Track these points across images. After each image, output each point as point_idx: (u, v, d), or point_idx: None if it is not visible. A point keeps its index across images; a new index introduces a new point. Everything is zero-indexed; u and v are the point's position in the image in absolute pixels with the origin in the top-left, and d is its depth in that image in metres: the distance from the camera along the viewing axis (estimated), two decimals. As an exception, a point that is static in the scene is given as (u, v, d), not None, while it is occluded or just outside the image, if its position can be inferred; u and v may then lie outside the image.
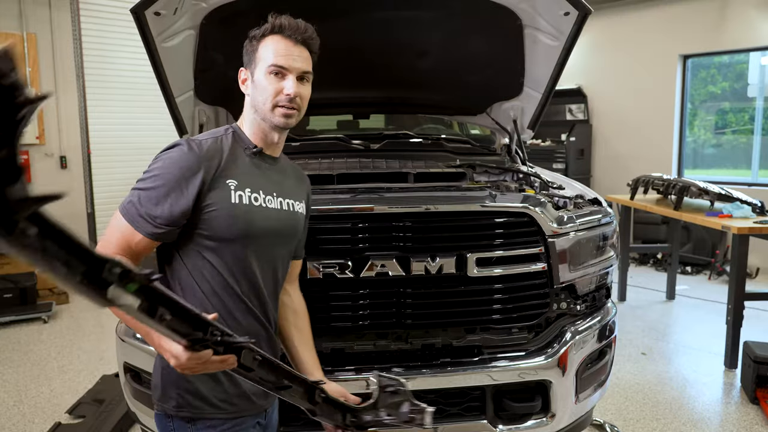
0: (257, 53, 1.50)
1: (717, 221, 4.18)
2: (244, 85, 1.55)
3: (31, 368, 4.09)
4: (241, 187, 1.45)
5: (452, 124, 4.05)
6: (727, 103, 7.45)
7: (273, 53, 1.47)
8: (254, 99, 1.50)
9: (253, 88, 1.51)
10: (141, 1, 2.31)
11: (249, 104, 1.54)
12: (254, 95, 1.50)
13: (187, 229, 1.41)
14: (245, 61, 1.55)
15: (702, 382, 3.83)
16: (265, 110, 1.48)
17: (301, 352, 1.69)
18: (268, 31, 1.49)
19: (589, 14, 2.45)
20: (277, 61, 1.46)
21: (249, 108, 1.54)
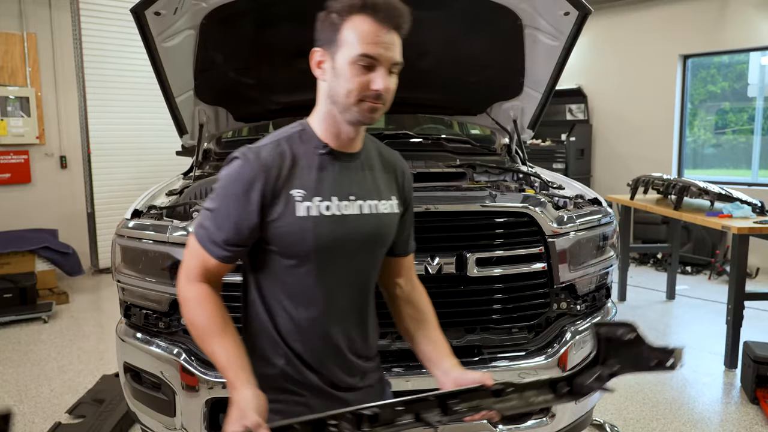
0: (340, 34, 1.25)
1: (717, 221, 4.18)
2: (320, 68, 1.31)
3: (31, 368, 4.09)
4: (309, 196, 1.29)
5: (452, 124, 4.05)
6: (727, 103, 7.45)
7: (361, 39, 1.23)
8: (333, 88, 1.28)
9: (333, 76, 1.27)
10: (141, 1, 2.32)
11: (325, 93, 1.31)
12: (334, 84, 1.28)
13: (262, 245, 1.31)
14: (321, 38, 1.29)
15: (702, 382, 3.83)
16: (347, 103, 1.26)
17: (424, 346, 1.48)
18: (357, 8, 1.23)
19: (589, 14, 2.45)
20: (367, 50, 1.23)
21: (324, 97, 1.32)
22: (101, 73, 6.63)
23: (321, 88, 1.34)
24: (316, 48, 1.32)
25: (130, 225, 2.26)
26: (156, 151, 6.76)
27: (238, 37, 2.80)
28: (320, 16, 1.30)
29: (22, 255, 5.50)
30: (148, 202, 2.48)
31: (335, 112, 1.30)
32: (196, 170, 2.95)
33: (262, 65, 2.99)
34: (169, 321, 2.18)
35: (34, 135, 6.22)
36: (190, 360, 2.07)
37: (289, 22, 2.77)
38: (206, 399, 2.04)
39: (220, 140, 3.39)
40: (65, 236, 6.16)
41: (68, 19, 6.38)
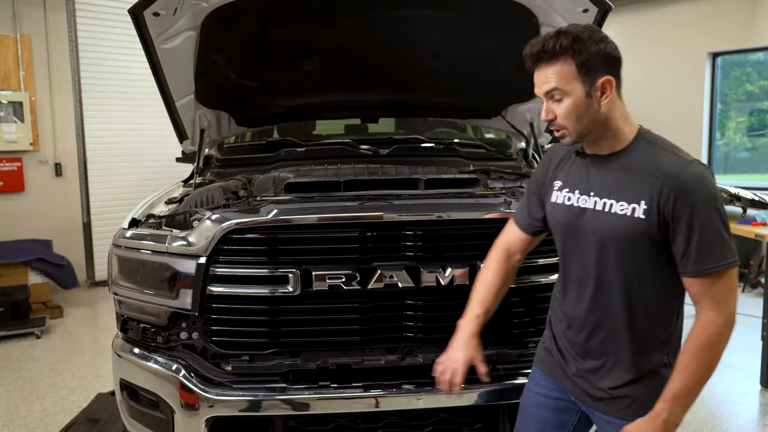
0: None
1: (750, 229, 4.15)
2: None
3: (23, 386, 4.12)
4: (562, 188, 1.69)
5: (466, 127, 4.06)
6: (765, 102, 7.38)
7: (534, 85, 1.60)
8: None
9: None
10: (139, 2, 2.36)
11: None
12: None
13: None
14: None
15: (736, 402, 3.79)
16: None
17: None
18: (528, 67, 1.61)
19: (609, 11, 2.46)
20: (535, 91, 1.60)
21: None
22: (98, 77, 6.70)
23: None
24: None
25: (128, 235, 2.29)
26: (155, 158, 6.81)
27: (240, 39, 2.83)
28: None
29: (14, 267, 5.56)
30: (146, 210, 2.51)
31: None
32: (196, 177, 2.98)
33: (265, 67, 3.03)
34: (168, 335, 2.20)
35: (27, 141, 6.30)
36: (189, 377, 2.09)
37: (293, 23, 2.81)
38: (206, 418, 2.05)
39: (221, 146, 3.42)
40: (60, 247, 6.22)
41: (63, 20, 6.47)
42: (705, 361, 1.53)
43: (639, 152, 1.57)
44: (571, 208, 1.64)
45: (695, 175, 1.48)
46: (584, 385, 1.69)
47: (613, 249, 1.57)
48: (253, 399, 2.04)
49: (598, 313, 1.64)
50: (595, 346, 1.67)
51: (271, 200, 2.32)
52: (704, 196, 1.47)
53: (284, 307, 2.10)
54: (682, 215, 1.47)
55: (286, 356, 2.13)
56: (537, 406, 1.82)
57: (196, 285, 2.09)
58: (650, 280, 1.58)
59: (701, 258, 1.48)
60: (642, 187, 1.52)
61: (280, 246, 2.10)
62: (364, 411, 2.07)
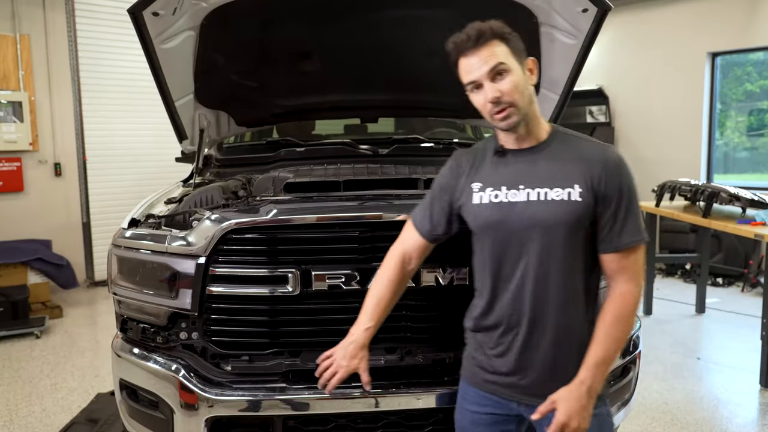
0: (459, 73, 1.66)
1: (750, 229, 4.16)
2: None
3: (23, 386, 4.13)
4: (483, 187, 1.69)
5: (465, 127, 4.06)
6: (765, 102, 7.38)
7: (464, 74, 1.64)
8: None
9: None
10: (138, 1, 2.35)
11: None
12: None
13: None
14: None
15: (735, 402, 3.80)
16: (491, 121, 1.64)
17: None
18: (455, 57, 1.65)
19: (608, 11, 2.46)
20: (467, 78, 1.63)
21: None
22: (97, 77, 6.71)
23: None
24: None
25: (127, 235, 2.29)
26: (154, 158, 6.82)
27: (239, 39, 2.83)
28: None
29: (13, 267, 5.56)
30: (146, 210, 2.51)
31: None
32: (196, 177, 2.98)
33: (264, 67, 3.02)
34: (168, 335, 2.20)
35: (27, 141, 6.30)
36: (189, 377, 2.09)
37: (293, 23, 2.81)
38: (206, 418, 2.05)
39: (221, 146, 3.42)
40: (59, 247, 6.22)
41: (63, 19, 6.48)
42: (623, 330, 1.63)
43: (559, 143, 1.69)
44: (500, 205, 1.66)
45: (618, 157, 1.65)
46: (526, 384, 1.69)
47: (550, 237, 1.62)
48: (252, 399, 2.04)
49: (538, 308, 1.65)
50: (536, 342, 1.67)
51: (271, 200, 2.31)
52: (628, 177, 1.64)
53: (284, 307, 2.10)
54: (614, 194, 1.60)
55: (286, 356, 2.13)
56: (473, 425, 1.80)
57: (195, 285, 2.09)
58: (583, 264, 1.66)
59: (625, 233, 1.61)
60: (573, 172, 1.62)
61: (279, 246, 2.10)
62: (363, 411, 2.07)
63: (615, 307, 1.62)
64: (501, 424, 1.77)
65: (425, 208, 1.85)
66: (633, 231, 1.61)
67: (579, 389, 1.57)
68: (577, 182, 1.60)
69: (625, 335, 1.64)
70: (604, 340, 1.60)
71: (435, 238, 1.84)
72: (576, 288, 1.66)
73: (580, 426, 1.57)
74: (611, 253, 1.63)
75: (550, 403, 1.59)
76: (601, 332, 1.61)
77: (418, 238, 1.84)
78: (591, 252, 1.66)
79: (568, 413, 1.56)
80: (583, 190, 1.60)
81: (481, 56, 1.59)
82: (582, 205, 1.59)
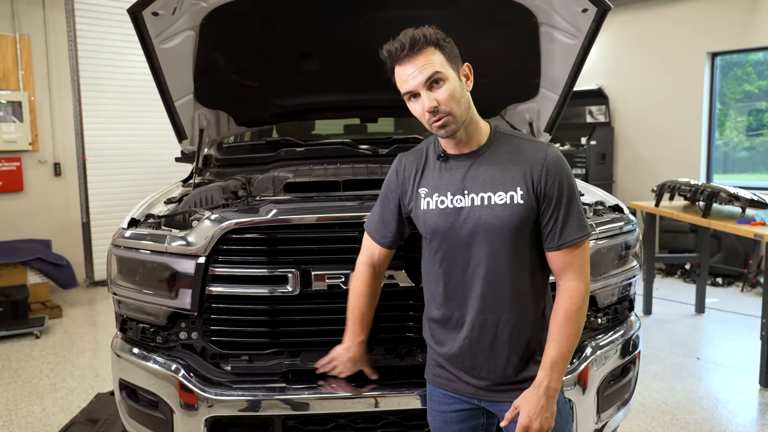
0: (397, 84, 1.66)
1: (749, 229, 4.16)
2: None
3: (22, 386, 4.12)
4: (430, 193, 1.71)
5: (465, 127, 4.06)
6: (764, 102, 7.39)
7: (400, 83, 1.64)
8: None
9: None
10: (138, 1, 2.35)
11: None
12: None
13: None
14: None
15: (735, 402, 3.80)
16: (429, 129, 1.66)
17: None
18: (390, 65, 1.65)
19: (608, 11, 2.46)
20: (403, 88, 1.63)
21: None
22: (97, 77, 6.71)
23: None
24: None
25: (127, 235, 2.29)
26: (154, 158, 6.82)
27: (239, 38, 2.83)
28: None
29: (13, 267, 5.56)
30: (145, 210, 2.51)
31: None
32: (196, 177, 2.98)
33: (264, 67, 3.03)
34: (167, 335, 2.20)
35: (26, 141, 6.30)
36: (188, 376, 2.09)
37: (293, 23, 2.81)
38: (206, 418, 2.05)
39: (221, 146, 3.42)
40: (59, 247, 6.22)
41: (63, 19, 6.48)
42: (575, 327, 1.65)
43: (501, 145, 1.69)
44: (446, 210, 1.68)
45: (557, 156, 1.66)
46: (487, 382, 1.73)
47: (497, 240, 1.64)
48: (252, 399, 2.04)
49: (487, 310, 1.69)
50: (488, 342, 1.71)
51: (271, 200, 2.32)
52: (567, 175, 1.66)
53: (283, 306, 2.10)
54: (553, 193, 1.63)
55: (286, 356, 2.13)
56: (445, 424, 1.84)
57: (195, 285, 2.09)
58: (531, 263, 1.69)
59: (566, 231, 1.64)
60: (515, 175, 1.64)
61: (279, 246, 2.10)
62: (363, 411, 2.07)
63: (563, 306, 1.65)
64: (471, 419, 1.82)
65: (377, 216, 1.90)
66: (575, 228, 1.64)
67: (538, 391, 1.63)
68: (519, 185, 1.63)
69: (577, 332, 1.66)
70: (556, 339, 1.64)
71: (391, 243, 1.90)
72: (524, 287, 1.69)
73: (543, 427, 1.63)
74: (555, 250, 1.66)
75: (513, 409, 1.66)
76: (554, 332, 1.65)
77: (375, 246, 1.90)
78: (538, 250, 1.70)
79: (530, 416, 1.62)
80: (524, 192, 1.63)
81: (416, 65, 1.58)
82: (524, 207, 1.63)
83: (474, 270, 1.68)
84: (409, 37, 1.58)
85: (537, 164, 1.64)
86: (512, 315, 1.69)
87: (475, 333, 1.71)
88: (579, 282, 1.66)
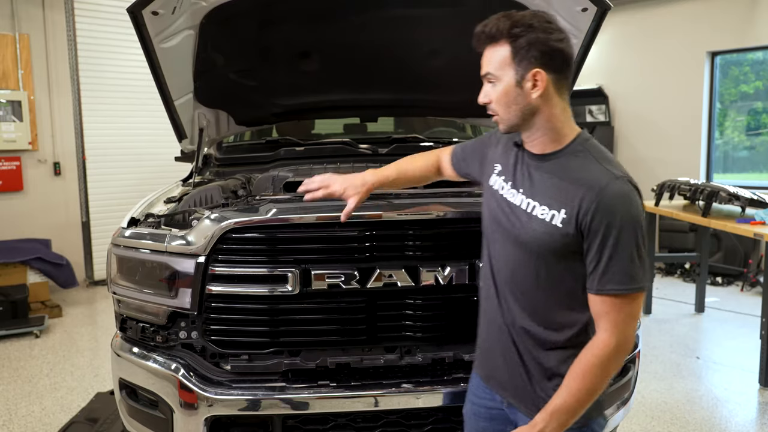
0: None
1: (749, 228, 4.16)
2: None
3: (22, 385, 4.12)
4: (500, 173, 1.66)
5: (465, 126, 4.06)
6: (759, 102, 7.40)
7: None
8: None
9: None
10: (138, 1, 2.36)
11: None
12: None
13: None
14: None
15: (735, 402, 3.80)
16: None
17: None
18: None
19: (608, 10, 2.46)
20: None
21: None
22: (97, 76, 6.71)
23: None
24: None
25: (127, 234, 2.29)
26: (154, 157, 6.82)
27: (239, 38, 2.83)
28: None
29: (13, 266, 5.56)
30: (145, 210, 2.51)
31: None
32: (195, 176, 2.98)
33: (264, 67, 3.02)
34: (167, 335, 2.20)
35: (26, 140, 6.30)
36: (188, 376, 2.09)
37: (292, 22, 2.81)
38: (205, 417, 2.05)
39: (220, 145, 3.42)
40: (59, 246, 6.22)
41: (62, 19, 6.47)
42: (590, 383, 1.46)
43: (570, 158, 1.51)
44: (502, 198, 1.62)
45: (618, 192, 1.43)
46: (501, 383, 1.68)
47: (525, 251, 1.55)
48: (252, 398, 2.04)
49: (507, 315, 1.62)
50: (505, 343, 1.65)
51: (270, 199, 2.31)
52: (623, 216, 1.42)
53: (283, 306, 2.10)
54: (598, 231, 1.42)
55: (286, 355, 2.13)
56: (474, 415, 1.79)
57: (195, 284, 2.09)
58: (566, 291, 1.53)
59: (606, 277, 1.43)
60: (565, 196, 1.47)
61: (279, 245, 2.10)
62: (363, 410, 2.07)
63: (584, 357, 1.47)
64: (497, 422, 1.73)
65: (468, 147, 1.91)
66: (618, 277, 1.43)
67: (531, 430, 1.50)
68: (565, 207, 1.46)
69: (592, 389, 1.47)
70: (566, 388, 1.48)
71: (456, 170, 1.93)
72: (548, 311, 1.56)
73: None
74: (592, 294, 1.47)
75: None
76: (567, 380, 1.49)
77: (449, 159, 1.95)
78: (581, 282, 1.51)
79: None
80: (566, 216, 1.46)
81: (485, 56, 1.54)
82: (561, 232, 1.47)
83: (503, 269, 1.62)
84: (487, 26, 1.52)
85: (591, 193, 1.43)
86: (527, 335, 1.58)
87: (495, 332, 1.66)
88: (609, 337, 1.45)
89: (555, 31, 1.49)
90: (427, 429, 2.14)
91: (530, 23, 1.47)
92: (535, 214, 1.52)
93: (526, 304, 1.58)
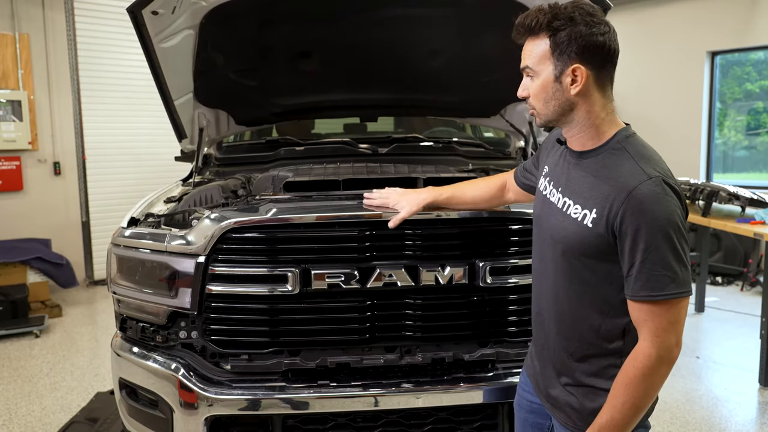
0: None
1: (749, 228, 4.16)
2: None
3: (22, 385, 4.13)
4: (546, 175, 1.66)
5: (464, 126, 4.07)
6: (760, 102, 7.40)
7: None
8: None
9: None
10: (138, 0, 2.36)
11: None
12: None
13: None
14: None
15: (735, 401, 3.80)
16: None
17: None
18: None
19: (608, 9, 2.46)
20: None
21: None
22: (97, 76, 6.71)
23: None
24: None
25: (127, 234, 2.29)
26: (154, 157, 6.82)
27: (239, 37, 2.83)
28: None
29: (13, 266, 5.56)
30: (145, 209, 2.51)
31: None
32: (195, 176, 2.98)
33: (264, 66, 3.02)
34: (167, 334, 2.20)
35: (26, 140, 6.30)
36: (188, 376, 2.09)
37: (292, 22, 2.81)
38: (205, 417, 2.05)
39: (220, 145, 3.42)
40: (59, 246, 6.22)
41: (62, 18, 6.47)
42: (634, 395, 1.40)
43: (607, 156, 1.46)
44: (545, 199, 1.62)
45: (650, 193, 1.35)
46: (541, 387, 1.70)
47: (559, 251, 1.53)
48: (252, 398, 2.04)
49: (544, 314, 1.64)
50: (540, 347, 1.67)
51: (270, 199, 2.32)
52: (654, 218, 1.34)
53: (283, 306, 2.10)
54: (628, 234, 1.36)
55: (285, 355, 2.13)
56: (519, 406, 1.85)
57: (195, 284, 2.09)
58: (587, 291, 1.50)
59: (639, 283, 1.37)
60: (598, 194, 1.43)
61: (279, 245, 2.10)
62: (363, 410, 2.07)
63: (627, 368, 1.41)
64: (539, 415, 1.75)
65: (527, 163, 1.93)
66: (652, 283, 1.35)
67: None
68: (597, 206, 1.41)
69: (637, 401, 1.40)
70: (610, 403, 1.43)
71: (521, 185, 1.95)
72: (584, 314, 1.51)
73: None
74: (629, 299, 1.41)
75: None
76: (611, 394, 1.44)
77: (514, 183, 1.98)
78: (616, 286, 1.45)
79: None
80: (597, 216, 1.41)
81: (525, 49, 1.51)
82: (591, 233, 1.42)
83: (545, 270, 1.60)
84: (527, 17, 1.47)
85: (622, 193, 1.37)
86: (561, 336, 1.56)
87: (538, 329, 1.69)
88: (650, 346, 1.37)
89: (597, 24, 1.41)
90: (427, 429, 2.14)
91: (571, 16, 1.41)
92: (569, 213, 1.49)
93: (561, 307, 1.56)
